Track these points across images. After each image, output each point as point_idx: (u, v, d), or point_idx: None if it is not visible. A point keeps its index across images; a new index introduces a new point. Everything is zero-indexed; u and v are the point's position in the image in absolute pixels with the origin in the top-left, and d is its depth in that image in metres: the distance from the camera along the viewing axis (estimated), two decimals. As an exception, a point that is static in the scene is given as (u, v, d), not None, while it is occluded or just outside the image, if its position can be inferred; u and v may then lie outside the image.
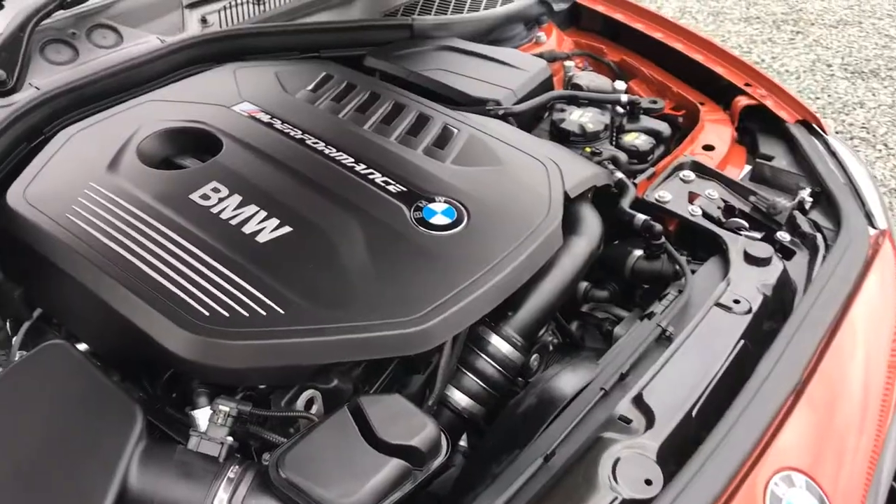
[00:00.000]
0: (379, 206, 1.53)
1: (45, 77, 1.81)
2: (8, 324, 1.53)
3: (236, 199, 1.51)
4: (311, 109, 1.80)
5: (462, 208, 1.53)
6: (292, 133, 1.70)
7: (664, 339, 1.46)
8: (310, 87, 1.89)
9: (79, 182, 1.52)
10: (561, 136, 1.93)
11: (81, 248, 1.39)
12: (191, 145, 1.70)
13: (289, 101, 1.83)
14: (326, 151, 1.66)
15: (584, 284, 1.75)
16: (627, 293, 1.78)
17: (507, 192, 1.59)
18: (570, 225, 1.63)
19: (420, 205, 1.53)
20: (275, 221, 1.46)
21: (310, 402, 1.30)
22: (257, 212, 1.48)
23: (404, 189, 1.57)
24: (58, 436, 1.16)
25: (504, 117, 1.89)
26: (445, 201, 1.54)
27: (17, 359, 1.37)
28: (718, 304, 1.50)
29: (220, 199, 1.50)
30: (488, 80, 1.99)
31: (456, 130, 1.76)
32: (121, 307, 1.32)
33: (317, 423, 1.22)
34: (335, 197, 1.53)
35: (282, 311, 1.30)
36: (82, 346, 1.43)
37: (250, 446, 1.29)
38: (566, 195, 1.62)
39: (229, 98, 1.81)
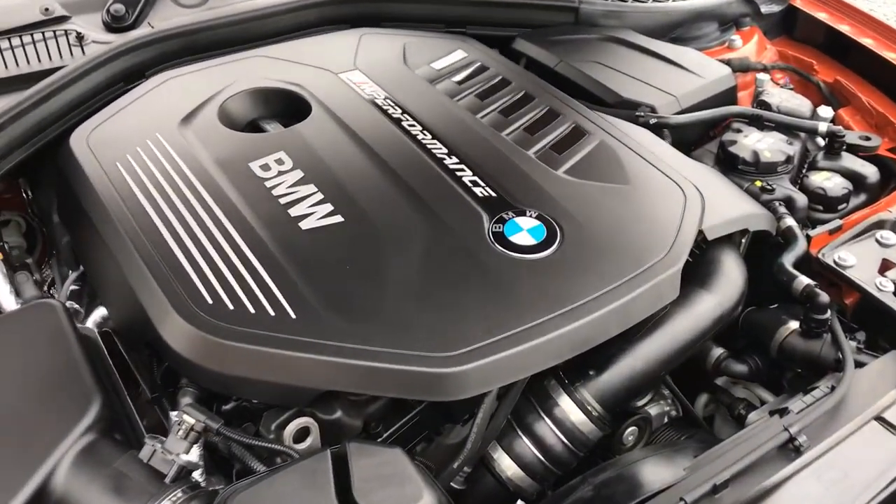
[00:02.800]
0: (454, 209, 1.25)
1: (168, 18, 1.70)
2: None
3: (296, 174, 1.30)
4: (425, 89, 1.56)
5: (556, 228, 1.22)
6: (391, 111, 1.47)
7: (791, 450, 1.07)
8: (435, 65, 1.64)
9: (145, 131, 1.39)
10: (727, 161, 1.54)
11: (114, 205, 1.24)
12: (280, 109, 1.52)
13: (405, 76, 1.59)
14: (420, 137, 1.40)
15: (717, 351, 1.37)
16: (774, 373, 1.37)
17: (623, 219, 1.25)
18: (700, 274, 1.26)
19: (505, 216, 1.24)
20: (327, 207, 1.23)
21: (303, 433, 1.06)
22: (313, 193, 1.26)
23: (493, 194, 1.28)
24: (6, 405, 1.01)
25: (656, 128, 1.53)
26: (538, 217, 1.24)
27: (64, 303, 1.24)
28: (881, 420, 1.08)
29: (280, 173, 1.30)
30: (650, 82, 1.63)
31: (586, 134, 1.44)
32: (131, 277, 1.16)
33: (291, 462, 0.98)
34: (407, 191, 1.28)
35: (293, 316, 1.07)
36: (101, 312, 1.29)
37: (232, 466, 1.08)
38: (701, 235, 1.25)
39: (342, 64, 1.61)
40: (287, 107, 1.50)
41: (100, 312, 1.31)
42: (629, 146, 1.41)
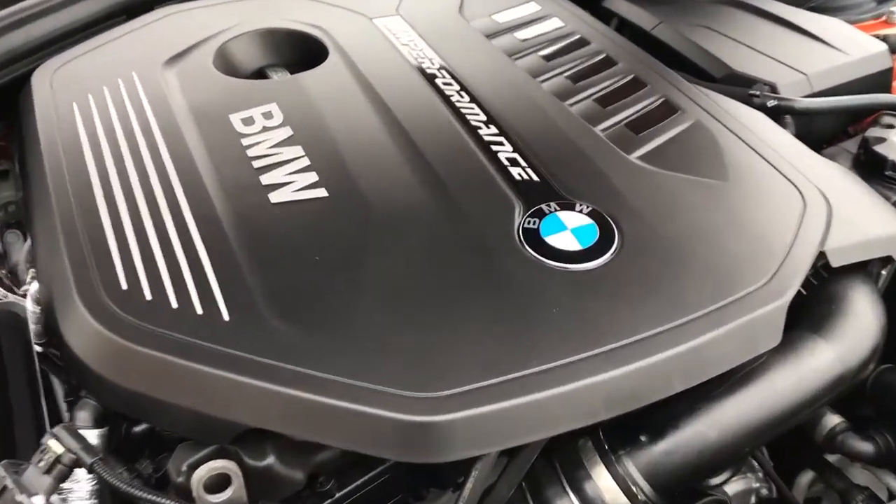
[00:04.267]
0: (478, 193, 0.93)
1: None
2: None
3: (284, 133, 1.00)
4: (477, 43, 1.23)
5: (614, 231, 0.87)
6: (426, 66, 1.15)
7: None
8: (498, 17, 1.31)
9: (120, 70, 1.13)
10: (870, 165, 1.13)
11: (52, 154, 0.99)
12: (294, 56, 1.23)
13: (456, 26, 1.27)
14: (454, 99, 1.08)
15: (833, 420, 0.99)
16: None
17: (711, 226, 0.90)
18: (816, 314, 0.89)
19: (545, 209, 0.90)
20: (311, 177, 0.93)
21: (221, 481, 0.76)
22: (298, 157, 0.96)
23: (535, 178, 0.95)
24: None
25: (776, 112, 1.15)
26: (591, 213, 0.90)
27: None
28: None
29: (264, 129, 1.01)
30: (773, 55, 1.25)
31: (678, 111, 1.08)
32: (44, 246, 0.90)
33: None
34: (419, 164, 0.96)
35: (227, 317, 0.78)
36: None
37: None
38: (823, 259, 0.88)
39: (382, 8, 1.30)
40: (303, 54, 1.21)
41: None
42: (734, 131, 1.04)
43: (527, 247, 0.86)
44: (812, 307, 0.89)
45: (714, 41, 1.29)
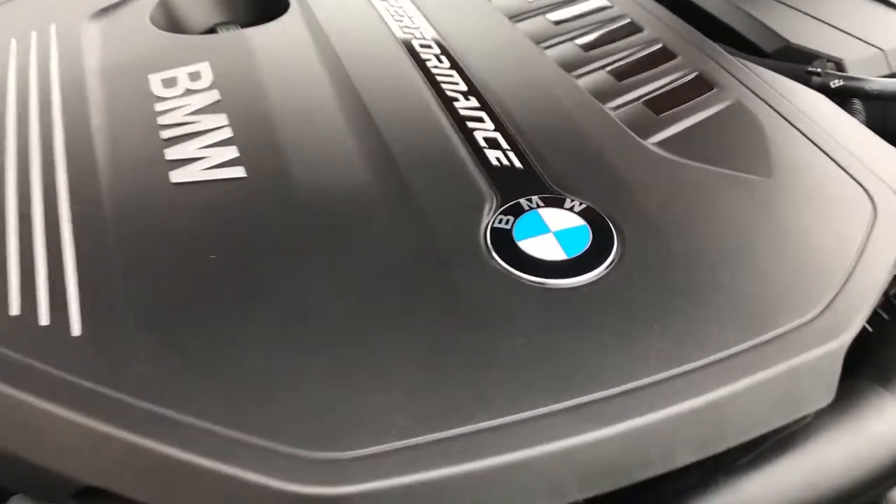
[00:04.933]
0: (441, 181, 0.71)
1: None
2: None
3: (209, 97, 0.80)
4: (480, 4, 1.01)
5: (613, 237, 0.65)
6: (405, 24, 0.94)
7: None
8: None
9: (38, 22, 0.94)
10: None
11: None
12: (250, 10, 1.03)
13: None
14: (431, 65, 0.87)
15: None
16: None
17: (746, 237, 0.67)
18: (887, 361, 0.66)
19: (525, 205, 0.68)
20: (230, 152, 0.73)
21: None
22: (220, 127, 0.76)
23: (518, 164, 0.73)
24: None
25: (841, 94, 0.91)
26: (585, 211, 0.68)
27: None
28: None
29: (187, 92, 0.81)
30: (840, 26, 1.01)
31: (713, 89, 0.85)
32: None
33: None
34: (373, 143, 0.75)
35: (77, 332, 0.58)
36: None
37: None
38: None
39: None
40: (261, 9, 1.01)
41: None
42: (785, 116, 0.81)
43: (493, 253, 0.64)
44: (879, 351, 0.66)
45: (768, 8, 1.05)
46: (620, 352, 0.57)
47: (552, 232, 0.66)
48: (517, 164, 0.73)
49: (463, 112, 0.79)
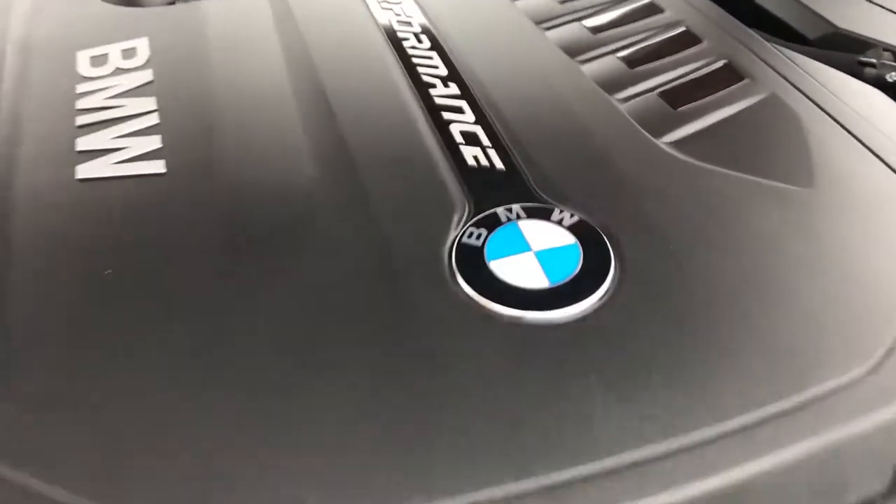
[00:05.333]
0: (404, 184, 0.58)
1: None
2: None
3: (141, 77, 0.68)
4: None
5: (609, 259, 0.52)
6: (377, 4, 0.81)
7: None
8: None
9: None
10: None
11: None
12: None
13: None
14: (407, 44, 0.74)
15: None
16: None
17: (779, 264, 0.53)
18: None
19: (503, 215, 0.55)
20: (152, 143, 0.61)
21: None
22: (146, 113, 0.64)
23: (500, 165, 0.59)
24: None
25: (899, 91, 0.77)
26: (577, 225, 0.54)
27: None
28: None
29: (117, 72, 0.69)
30: (897, 11, 0.86)
31: (743, 80, 0.71)
32: None
33: None
34: (327, 135, 0.62)
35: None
36: None
37: None
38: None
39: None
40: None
41: None
42: (830, 113, 0.67)
43: (458, 275, 0.51)
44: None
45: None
46: (610, 413, 0.43)
47: (533, 251, 0.52)
48: (498, 164, 0.59)
49: (439, 101, 0.66)
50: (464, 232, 0.54)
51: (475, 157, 0.60)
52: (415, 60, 0.71)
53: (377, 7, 0.79)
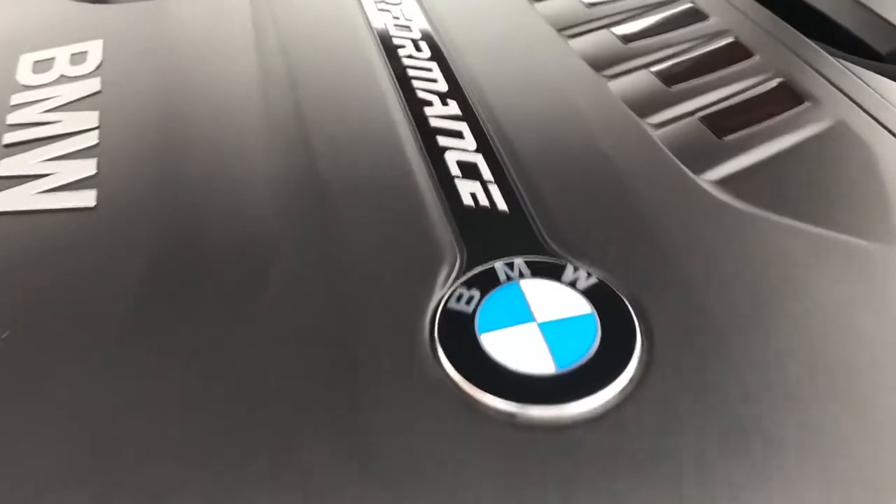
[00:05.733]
0: (381, 227, 0.47)
1: None
2: None
3: (87, 87, 0.58)
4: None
5: (635, 334, 0.40)
6: (374, 6, 0.70)
7: None
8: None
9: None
10: None
11: None
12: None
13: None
14: (403, 52, 0.63)
15: None
16: None
17: (853, 345, 0.41)
18: None
19: (502, 272, 0.44)
20: (85, 168, 0.51)
21: None
22: (84, 131, 0.54)
23: (503, 206, 0.48)
24: None
25: None
26: (594, 288, 0.43)
27: None
28: None
29: (60, 79, 0.59)
30: None
31: (802, 104, 0.59)
32: None
33: None
34: (296, 162, 0.51)
35: None
36: None
37: None
38: None
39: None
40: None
41: None
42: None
43: (439, 352, 0.40)
44: None
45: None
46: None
47: (538, 322, 0.41)
48: (500, 203, 0.48)
49: (435, 122, 0.55)
50: (452, 293, 0.43)
51: (472, 195, 0.49)
52: (410, 72, 0.60)
53: (373, 8, 0.69)
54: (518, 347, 0.40)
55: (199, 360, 0.40)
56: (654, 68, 0.63)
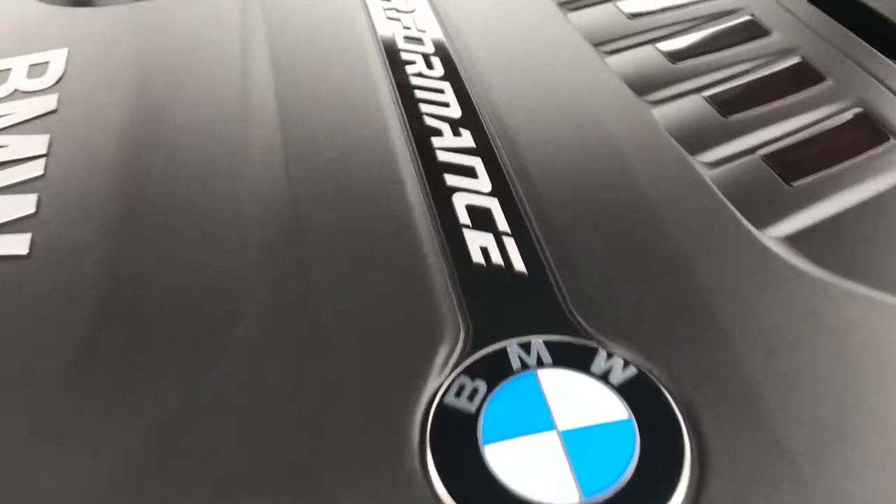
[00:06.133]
0: (365, 294, 0.38)
1: None
2: None
3: (41, 105, 0.50)
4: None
5: (683, 444, 0.31)
6: (383, 14, 0.61)
7: None
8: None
9: None
10: None
11: None
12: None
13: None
14: (412, 70, 0.54)
15: None
16: None
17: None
18: None
19: (516, 357, 0.35)
20: (23, 205, 0.42)
21: None
22: (28, 159, 0.46)
23: (520, 268, 0.39)
24: None
25: None
26: (633, 381, 0.33)
27: None
28: None
29: (14, 94, 0.51)
30: None
31: (889, 142, 0.49)
32: None
33: None
34: (270, 206, 0.43)
35: None
36: None
37: None
38: None
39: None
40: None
41: None
42: None
43: (430, 468, 0.31)
44: None
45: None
46: None
47: (558, 430, 0.32)
48: (517, 262, 0.39)
49: (444, 156, 0.46)
50: (451, 384, 0.34)
51: (484, 250, 0.40)
52: (418, 94, 0.51)
53: (381, 15, 0.60)
54: (532, 465, 0.31)
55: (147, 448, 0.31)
56: (707, 93, 0.53)
